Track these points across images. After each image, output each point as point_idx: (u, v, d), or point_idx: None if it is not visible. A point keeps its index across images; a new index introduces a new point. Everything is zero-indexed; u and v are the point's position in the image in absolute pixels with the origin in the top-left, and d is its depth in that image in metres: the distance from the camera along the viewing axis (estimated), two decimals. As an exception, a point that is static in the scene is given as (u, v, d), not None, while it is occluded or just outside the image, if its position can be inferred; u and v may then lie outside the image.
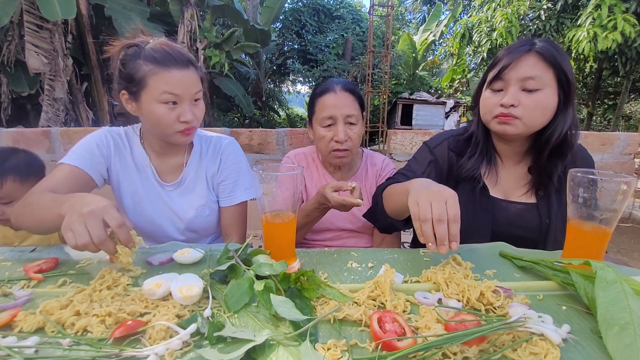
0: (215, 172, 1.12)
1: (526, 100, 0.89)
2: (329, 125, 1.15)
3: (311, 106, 1.21)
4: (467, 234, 0.96)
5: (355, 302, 0.57)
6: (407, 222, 0.95)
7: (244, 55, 11.97)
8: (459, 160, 1.04)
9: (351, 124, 1.15)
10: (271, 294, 0.54)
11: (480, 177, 1.01)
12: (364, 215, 1.11)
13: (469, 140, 1.05)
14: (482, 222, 0.99)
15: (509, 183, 1.03)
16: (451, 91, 17.96)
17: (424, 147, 1.10)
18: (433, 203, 0.66)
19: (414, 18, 26.16)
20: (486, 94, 0.97)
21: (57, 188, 0.89)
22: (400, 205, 0.86)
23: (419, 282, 0.66)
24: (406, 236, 1.48)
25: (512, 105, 0.90)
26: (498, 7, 9.95)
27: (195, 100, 0.98)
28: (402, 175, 1.05)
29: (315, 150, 1.34)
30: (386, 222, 0.99)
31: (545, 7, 9.02)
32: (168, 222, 1.09)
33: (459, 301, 0.58)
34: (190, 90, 0.94)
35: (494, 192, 1.02)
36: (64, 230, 0.64)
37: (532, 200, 1.00)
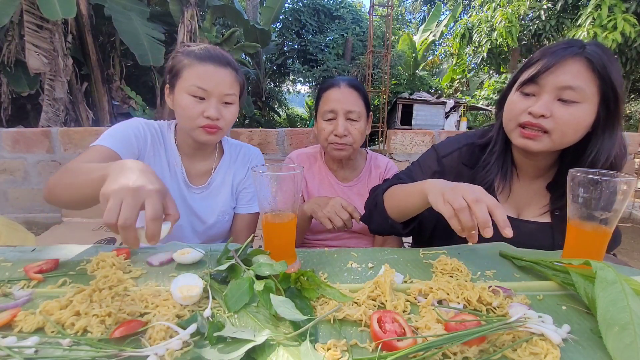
0: (242, 178, 1.15)
1: (560, 112, 0.76)
2: (330, 119, 1.17)
3: (317, 101, 1.25)
4: (473, 252, 0.91)
5: (355, 302, 0.57)
6: (407, 225, 0.89)
7: (244, 55, 11.97)
8: (471, 172, 0.94)
9: (352, 120, 1.17)
10: (271, 294, 0.54)
11: (493, 192, 0.90)
12: (361, 219, 1.10)
13: (485, 147, 0.94)
14: (490, 241, 0.93)
15: (522, 199, 0.93)
16: (451, 91, 17.97)
17: (433, 152, 1.01)
18: (464, 193, 0.62)
19: (414, 18, 26.16)
20: (514, 97, 0.83)
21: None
22: (409, 205, 0.81)
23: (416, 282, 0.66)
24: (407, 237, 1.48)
25: (542, 116, 0.77)
26: (498, 7, 9.96)
27: (226, 102, 0.98)
28: (400, 180, 0.98)
29: (319, 150, 1.35)
30: (385, 224, 0.93)
31: (545, 7, 9.03)
32: (187, 224, 1.09)
33: (459, 303, 0.58)
34: (220, 88, 0.94)
35: (506, 210, 0.90)
36: (101, 196, 0.56)
37: (546, 219, 0.90)
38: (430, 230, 0.99)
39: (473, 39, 11.04)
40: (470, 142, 0.98)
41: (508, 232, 0.59)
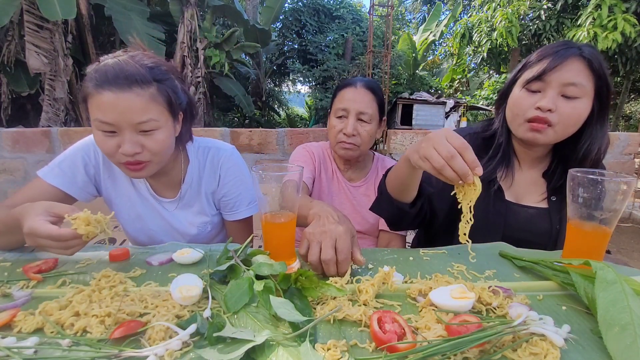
0: (215, 187, 1.05)
1: (564, 107, 0.85)
2: (341, 117, 1.17)
3: (332, 98, 1.25)
4: (476, 237, 0.94)
5: (363, 304, 0.57)
6: (414, 204, 0.91)
7: (244, 55, 11.97)
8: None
9: (363, 121, 1.16)
10: (270, 296, 0.54)
11: (496, 179, 0.97)
12: (370, 208, 1.08)
13: (489, 139, 1.01)
14: (494, 226, 0.96)
15: (522, 187, 1.00)
16: (451, 91, 17.97)
17: None
18: (436, 145, 0.63)
19: (414, 18, 26.15)
20: (521, 93, 0.90)
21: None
22: (403, 177, 0.83)
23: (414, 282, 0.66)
24: (409, 237, 1.47)
25: (549, 110, 0.85)
26: (498, 7, 9.95)
27: (145, 130, 0.79)
28: None
29: (328, 146, 1.34)
30: (393, 208, 0.95)
31: (545, 7, 9.03)
32: (169, 238, 1.04)
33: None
34: (128, 117, 0.76)
35: (508, 196, 0.99)
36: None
37: (544, 205, 0.98)
38: (442, 217, 1.01)
39: (473, 39, 11.03)
40: (472, 132, 1.04)
41: (478, 170, 0.62)
